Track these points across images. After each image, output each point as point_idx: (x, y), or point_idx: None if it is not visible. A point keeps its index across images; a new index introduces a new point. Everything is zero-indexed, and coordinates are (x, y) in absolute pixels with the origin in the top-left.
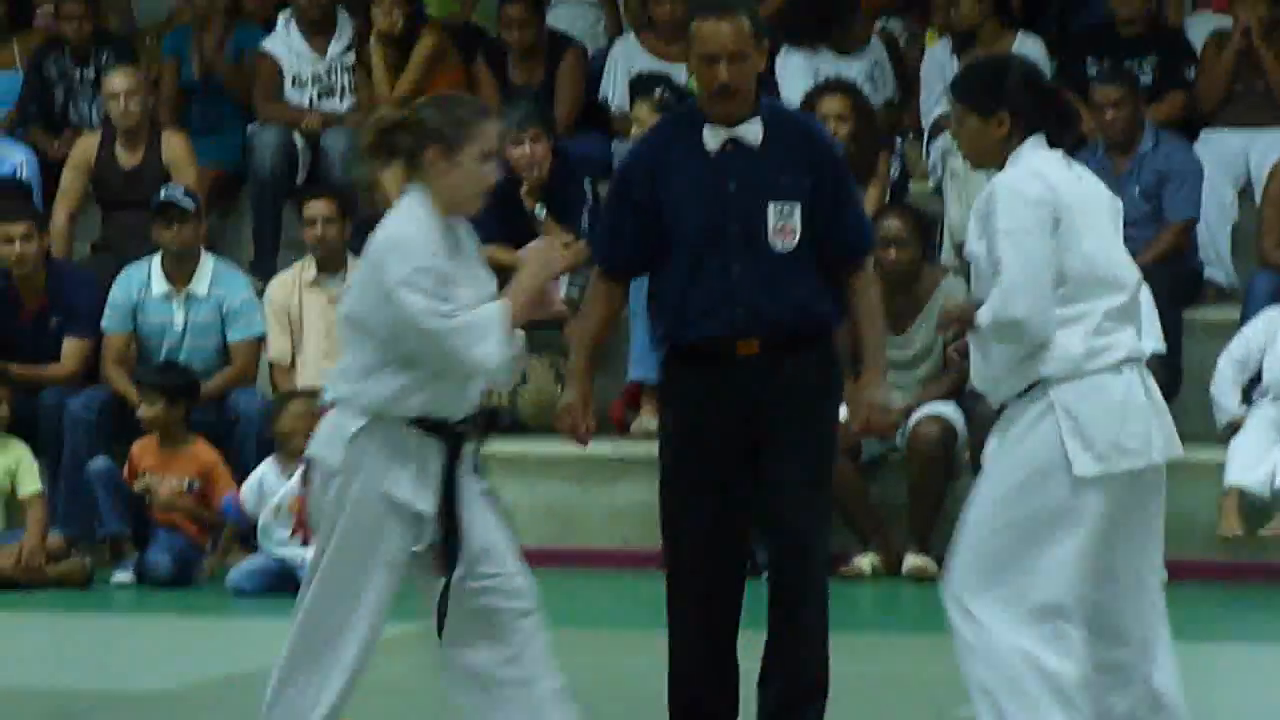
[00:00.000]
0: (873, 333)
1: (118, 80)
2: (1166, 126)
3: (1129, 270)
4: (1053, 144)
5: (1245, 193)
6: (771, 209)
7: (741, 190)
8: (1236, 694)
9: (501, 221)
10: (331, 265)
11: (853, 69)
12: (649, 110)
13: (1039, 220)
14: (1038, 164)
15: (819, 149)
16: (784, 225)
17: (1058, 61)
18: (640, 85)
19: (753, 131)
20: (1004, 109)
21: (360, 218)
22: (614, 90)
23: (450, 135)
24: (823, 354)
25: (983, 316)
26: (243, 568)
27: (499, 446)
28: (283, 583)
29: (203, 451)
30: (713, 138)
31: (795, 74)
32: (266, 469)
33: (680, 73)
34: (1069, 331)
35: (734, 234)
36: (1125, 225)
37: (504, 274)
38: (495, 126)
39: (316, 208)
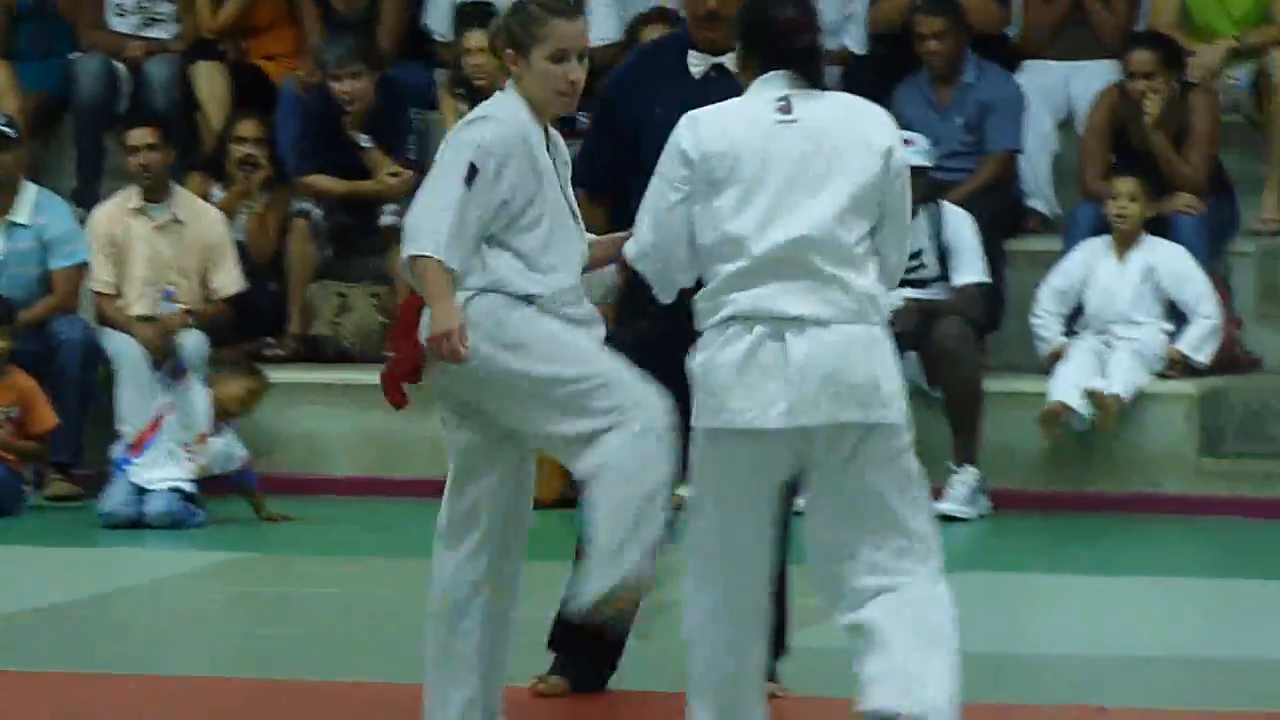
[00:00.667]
0: None
1: None
2: (988, 58)
3: (758, 235)
4: (808, 80)
5: (1067, 124)
6: None
7: None
8: (1056, 623)
9: (327, 151)
10: (156, 193)
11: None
12: (480, 39)
13: (674, 171)
14: (729, 107)
15: None
16: None
17: None
18: (463, 15)
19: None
20: (737, 43)
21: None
22: (437, 19)
23: (521, 38)
24: None
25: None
26: (116, 495)
27: (322, 375)
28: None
29: (20, 380)
30: (698, 63)
31: (602, 8)
32: (200, 407)
33: (501, 1)
34: (706, 286)
35: None
36: (946, 156)
37: (326, 199)
38: (569, 24)
39: (140, 135)
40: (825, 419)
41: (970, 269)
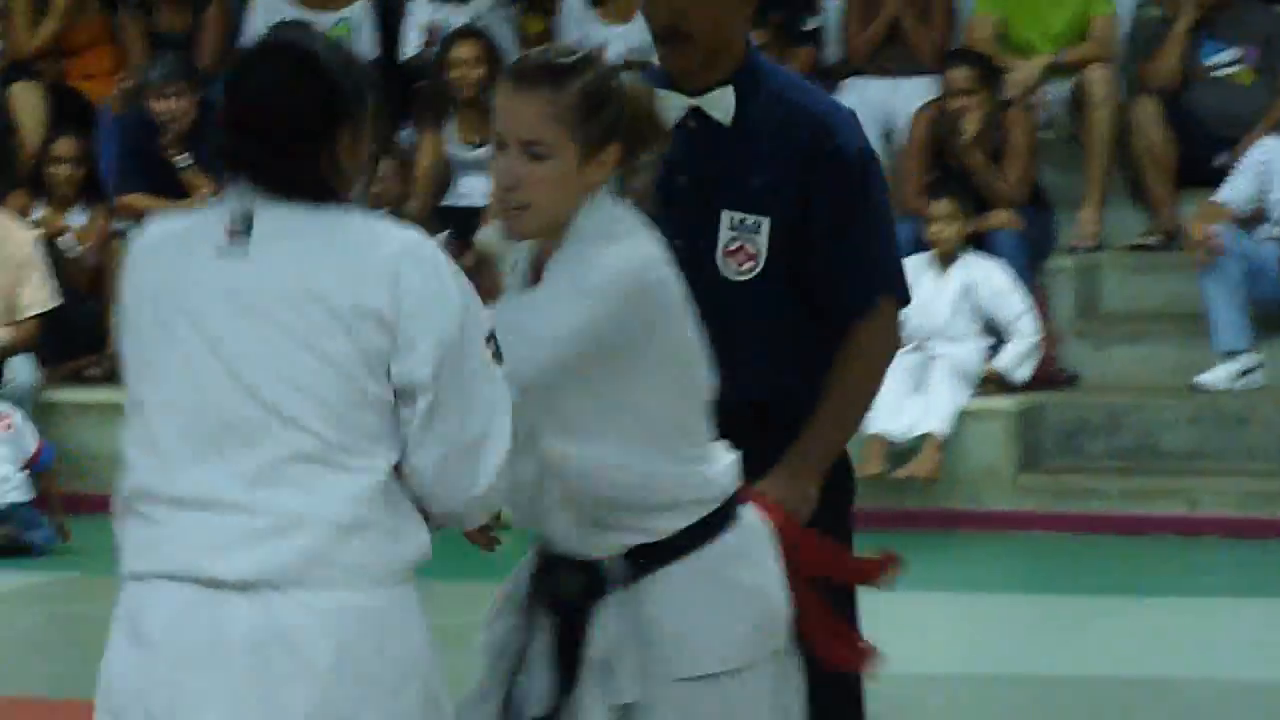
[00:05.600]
0: (822, 412)
1: None
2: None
3: (178, 441)
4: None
5: (888, 140)
6: (725, 219)
7: (693, 187)
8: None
9: (147, 171)
10: None
11: (463, 12)
12: None
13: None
14: (176, 227)
15: (821, 142)
16: (740, 245)
17: None
18: None
19: (721, 103)
20: None
21: None
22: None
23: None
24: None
25: None
26: None
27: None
28: None
29: None
30: (671, 105)
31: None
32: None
33: (325, 21)
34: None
35: (678, 249)
36: None
37: (140, 217)
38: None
39: None
40: None
41: None
